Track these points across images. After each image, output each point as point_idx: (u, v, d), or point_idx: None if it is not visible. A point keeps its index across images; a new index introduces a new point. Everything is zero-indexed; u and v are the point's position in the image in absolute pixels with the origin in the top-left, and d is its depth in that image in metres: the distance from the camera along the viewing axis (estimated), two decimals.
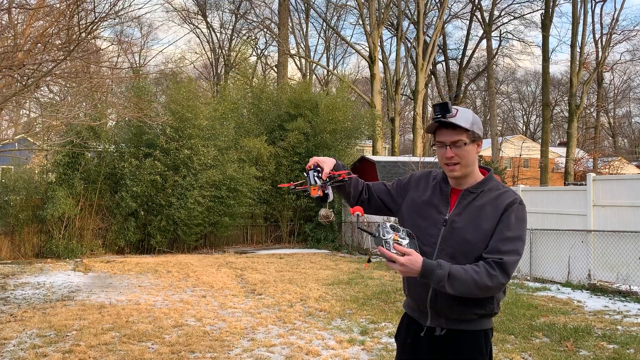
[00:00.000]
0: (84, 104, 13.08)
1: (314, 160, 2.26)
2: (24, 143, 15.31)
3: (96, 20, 8.61)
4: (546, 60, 28.96)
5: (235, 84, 24.27)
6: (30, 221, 14.00)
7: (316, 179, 2.22)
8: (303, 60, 36.90)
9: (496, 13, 33.34)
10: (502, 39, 36.98)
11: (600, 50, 29.58)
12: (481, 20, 33.24)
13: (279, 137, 17.59)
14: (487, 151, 33.04)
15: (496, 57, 36.06)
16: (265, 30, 35.53)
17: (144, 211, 15.02)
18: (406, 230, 2.05)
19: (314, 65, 37.45)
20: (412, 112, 34.78)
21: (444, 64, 37.77)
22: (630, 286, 8.29)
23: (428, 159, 17.84)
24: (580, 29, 27.55)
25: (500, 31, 36.36)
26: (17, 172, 14.70)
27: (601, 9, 36.19)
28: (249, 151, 16.21)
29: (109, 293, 8.63)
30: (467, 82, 37.87)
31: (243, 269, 11.43)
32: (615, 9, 40.46)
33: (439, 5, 31.43)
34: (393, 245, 1.98)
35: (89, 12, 10.61)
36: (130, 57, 34.93)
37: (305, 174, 2.26)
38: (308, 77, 35.73)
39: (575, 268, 9.28)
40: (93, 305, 7.63)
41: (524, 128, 56.78)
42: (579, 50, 27.67)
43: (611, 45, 30.35)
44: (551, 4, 28.86)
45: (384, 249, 1.98)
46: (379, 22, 26.52)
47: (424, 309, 2.20)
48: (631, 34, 32.87)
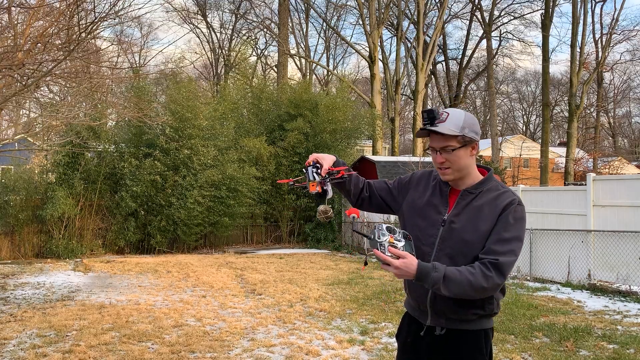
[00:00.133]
0: (84, 104, 13.06)
1: (314, 157, 2.25)
2: (24, 143, 15.30)
3: (96, 20, 8.62)
4: (546, 60, 28.97)
5: (235, 84, 24.24)
6: (30, 221, 14.00)
7: (315, 175, 2.21)
8: (303, 60, 36.90)
9: (496, 13, 33.41)
10: (502, 39, 37.03)
11: (600, 50, 29.60)
12: (481, 20, 33.25)
13: (278, 137, 17.60)
14: (487, 151, 33.08)
15: (496, 57, 36.08)
16: (265, 30, 35.54)
17: (144, 211, 15.02)
18: (403, 232, 2.04)
19: (314, 65, 37.46)
20: (412, 112, 34.80)
21: (444, 64, 37.80)
22: (630, 286, 8.29)
23: (428, 159, 17.82)
24: (580, 29, 27.59)
25: (500, 31, 36.43)
26: (17, 172, 14.70)
27: (601, 9, 36.24)
28: (248, 151, 16.21)
29: (109, 293, 8.63)
30: (467, 82, 37.88)
31: (243, 269, 11.43)
32: (615, 9, 40.47)
33: (439, 5, 31.45)
34: (388, 248, 1.96)
35: (89, 12, 10.64)
36: (130, 57, 34.95)
37: (304, 170, 2.25)
38: (308, 77, 35.72)
39: (575, 268, 9.28)
40: (93, 305, 7.63)
41: (524, 128, 56.78)
42: (579, 50, 27.68)
43: (611, 45, 30.38)
44: (551, 4, 28.87)
45: (379, 251, 1.97)
46: (379, 22, 26.52)
47: (424, 308, 2.21)
48: (631, 34, 32.90)
